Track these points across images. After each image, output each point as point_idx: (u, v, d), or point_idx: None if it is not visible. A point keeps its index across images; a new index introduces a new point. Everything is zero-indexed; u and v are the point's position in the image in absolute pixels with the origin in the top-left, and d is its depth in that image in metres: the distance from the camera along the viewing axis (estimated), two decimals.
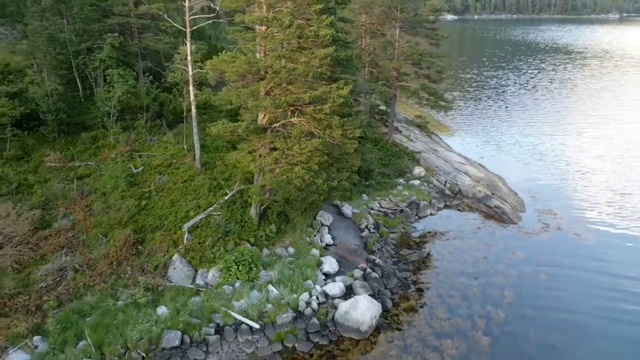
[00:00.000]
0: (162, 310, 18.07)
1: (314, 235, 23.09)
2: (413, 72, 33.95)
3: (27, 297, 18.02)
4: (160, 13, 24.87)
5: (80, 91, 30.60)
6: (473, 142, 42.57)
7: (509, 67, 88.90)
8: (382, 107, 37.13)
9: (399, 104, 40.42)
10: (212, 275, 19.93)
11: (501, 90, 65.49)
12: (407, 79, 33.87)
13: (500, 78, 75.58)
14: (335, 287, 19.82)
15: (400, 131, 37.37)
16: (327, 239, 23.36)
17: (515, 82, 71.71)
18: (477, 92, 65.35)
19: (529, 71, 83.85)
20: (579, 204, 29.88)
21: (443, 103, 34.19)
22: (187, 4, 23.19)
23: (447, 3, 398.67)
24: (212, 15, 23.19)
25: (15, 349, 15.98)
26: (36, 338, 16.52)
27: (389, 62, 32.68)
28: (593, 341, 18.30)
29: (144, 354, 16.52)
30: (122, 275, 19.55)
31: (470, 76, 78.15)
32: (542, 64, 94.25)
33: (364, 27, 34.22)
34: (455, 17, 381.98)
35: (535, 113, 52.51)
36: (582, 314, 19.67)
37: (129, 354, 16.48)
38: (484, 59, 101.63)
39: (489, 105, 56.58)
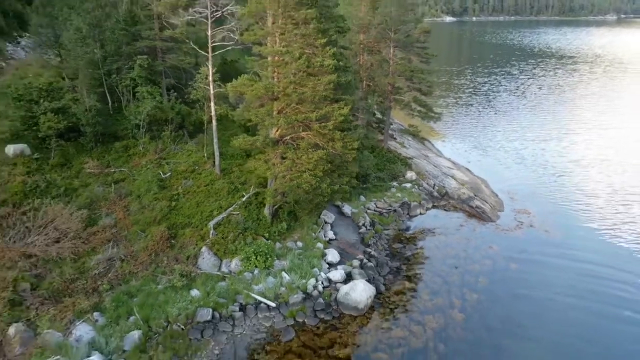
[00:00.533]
0: (195, 292, 22.01)
1: (319, 231, 27.02)
2: (406, 86, 37.93)
3: (85, 282, 21.96)
4: (185, 40, 28.82)
5: (109, 104, 34.52)
6: (462, 147, 46.52)
7: (502, 72, 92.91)
8: (379, 116, 41.16)
9: (395, 113, 44.31)
10: (234, 264, 23.88)
11: (492, 97, 69.46)
12: (400, 92, 37.83)
13: (492, 84, 79.54)
14: (337, 274, 23.78)
15: (395, 138, 41.34)
16: (330, 234, 27.31)
17: (506, 89, 75.69)
18: (469, 98, 69.32)
19: (520, 77, 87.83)
20: (551, 204, 33.85)
21: (432, 114, 38.20)
22: (209, 33, 27.14)
23: (446, 5, 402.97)
24: (232, 43, 27.10)
25: (81, 322, 19.89)
26: (96, 314, 20.44)
27: (384, 77, 36.63)
28: (550, 314, 22.24)
29: (182, 326, 20.46)
30: (159, 264, 23.50)
31: (463, 82, 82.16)
32: (533, 70, 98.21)
33: (361, 45, 38.11)
34: (454, 19, 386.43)
35: (521, 119, 56.48)
36: (543, 294, 23.62)
37: (170, 327, 20.40)
38: (478, 65, 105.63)
39: (479, 112, 60.55)
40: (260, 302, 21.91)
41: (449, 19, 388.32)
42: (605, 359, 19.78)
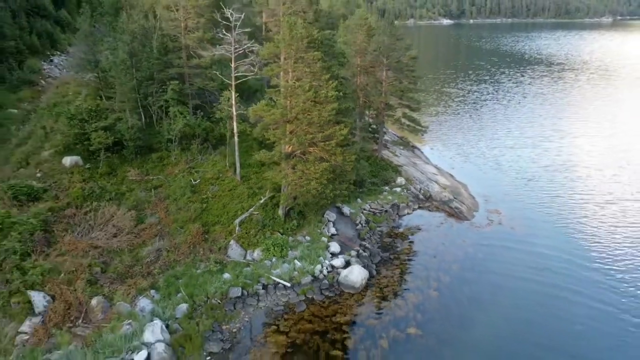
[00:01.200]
0: (226, 275, 28.02)
1: (323, 228, 33.05)
2: (397, 104, 43.99)
3: (140, 267, 27.98)
4: (213, 71, 34.83)
5: (144, 121, 40.50)
6: (448, 155, 52.56)
7: (491, 80, 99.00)
8: (374, 126, 47.20)
9: (389, 124, 50.27)
10: (256, 253, 29.92)
11: (479, 105, 75.54)
12: (392, 108, 43.87)
13: (481, 93, 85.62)
14: (338, 261, 29.82)
15: (388, 148, 47.38)
16: (332, 230, 33.32)
17: (493, 97, 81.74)
18: (457, 106, 75.40)
19: (508, 85, 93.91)
20: (519, 204, 39.87)
21: (420, 127, 44.27)
22: (233, 66, 33.17)
23: (443, 8, 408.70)
24: (252, 74, 33.09)
25: (142, 297, 25.89)
26: (152, 291, 26.45)
27: (378, 96, 42.63)
28: (506, 290, 28.26)
29: (219, 301, 26.47)
30: (197, 254, 29.51)
31: (454, 90, 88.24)
32: (521, 77, 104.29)
33: (359, 68, 44.10)
34: (451, 22, 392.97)
35: (503, 127, 62.50)
36: (502, 276, 29.64)
37: (209, 301, 26.40)
38: (470, 72, 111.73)
39: (466, 120, 66.60)
40: (278, 282, 27.94)
41: (446, 21, 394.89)
42: (546, 321, 25.74)
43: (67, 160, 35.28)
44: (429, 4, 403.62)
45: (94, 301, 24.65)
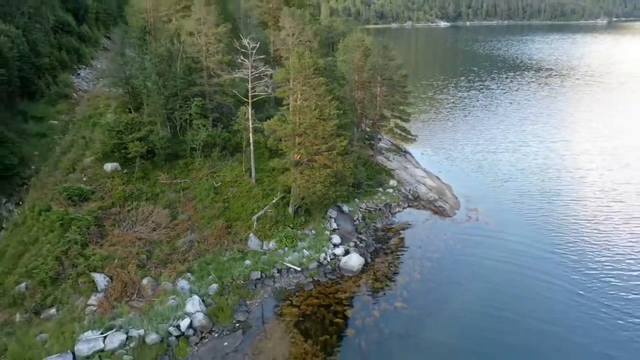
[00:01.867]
0: (247, 262, 34.15)
1: (326, 223, 39.18)
2: (390, 115, 50.13)
3: (177, 255, 34.09)
4: (231, 90, 40.89)
5: (169, 131, 46.56)
6: (436, 159, 58.71)
7: (481, 86, 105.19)
8: (370, 134, 53.30)
9: (384, 132, 56.34)
10: (271, 244, 36.06)
11: (467, 112, 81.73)
12: (385, 119, 50.02)
13: (470, 99, 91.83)
14: (339, 250, 35.98)
15: (382, 153, 53.53)
16: (334, 225, 39.43)
17: (482, 104, 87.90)
18: (448, 113, 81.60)
19: (497, 92, 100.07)
20: (495, 203, 46.03)
21: (410, 136, 50.45)
22: (249, 86, 39.29)
23: (440, 10, 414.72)
24: (265, 94, 39.17)
25: (181, 278, 32.00)
26: (188, 274, 32.58)
27: (373, 109, 48.79)
28: (479, 273, 34.39)
29: (242, 281, 32.60)
30: (223, 245, 35.61)
31: (445, 97, 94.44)
32: (510, 83, 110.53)
33: (356, 83, 50.22)
34: (448, 24, 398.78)
35: (487, 133, 68.65)
36: (476, 261, 35.79)
37: (235, 282, 32.52)
38: (462, 77, 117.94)
39: (454, 126, 72.76)
40: (290, 267, 34.09)
41: (443, 24, 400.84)
42: (510, 293, 31.90)
43: (108, 167, 41.39)
44: (426, 7, 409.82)
45: (144, 281, 30.80)
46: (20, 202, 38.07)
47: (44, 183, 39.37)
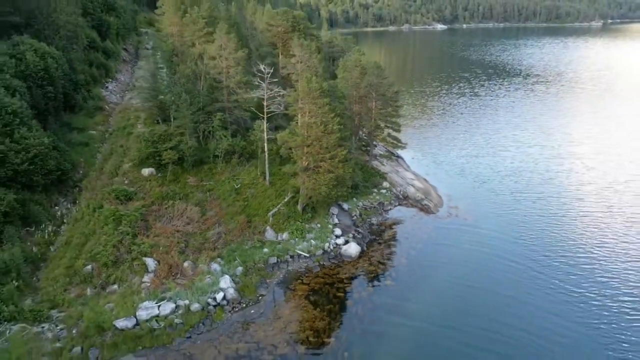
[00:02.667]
0: (265, 249, 41.93)
1: (329, 218, 46.96)
2: (383, 126, 57.90)
3: (209, 244, 41.83)
4: (249, 107, 48.64)
5: (195, 140, 54.24)
6: (425, 162, 66.47)
7: (470, 94, 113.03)
8: (367, 142, 61.08)
9: (379, 140, 64.11)
10: (284, 235, 43.85)
11: (456, 119, 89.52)
12: (380, 129, 57.81)
13: (459, 106, 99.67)
14: (340, 240, 43.81)
15: (377, 159, 61.32)
16: (335, 220, 47.20)
17: (469, 111, 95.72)
18: (438, 119, 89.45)
19: (485, 98, 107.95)
20: (474, 202, 53.82)
21: (400, 144, 58.26)
22: (265, 104, 47.05)
23: (437, 13, 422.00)
24: (278, 110, 46.94)
25: (213, 262, 39.75)
26: (219, 259, 40.33)
27: (369, 121, 56.58)
28: (456, 256, 42.18)
29: (262, 265, 40.39)
30: (245, 236, 43.37)
31: (436, 104, 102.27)
32: (498, 90, 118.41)
33: (354, 98, 57.94)
34: (445, 27, 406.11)
35: (472, 139, 76.45)
36: (453, 249, 43.57)
37: (256, 265, 40.29)
38: (453, 84, 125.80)
39: (443, 132, 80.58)
40: (300, 254, 41.90)
41: (440, 26, 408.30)
42: (481, 273, 39.61)
43: (145, 171, 49.17)
44: (423, 10, 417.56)
45: (185, 264, 38.58)
46: (76, 201, 45.81)
47: (93, 185, 47.17)
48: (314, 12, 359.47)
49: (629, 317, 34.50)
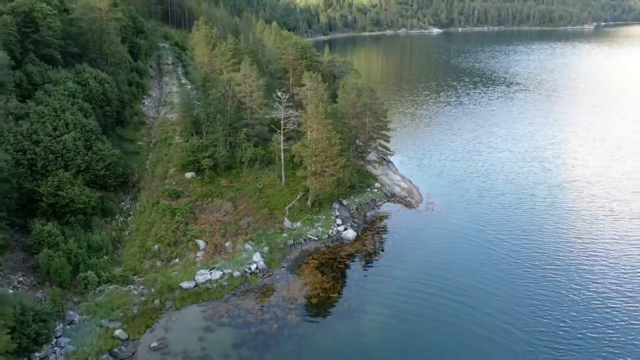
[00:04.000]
0: (284, 234, 55.44)
1: (332, 212, 60.43)
2: (375, 137, 71.39)
3: (242, 231, 55.30)
4: (270, 125, 62.05)
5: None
6: (410, 166, 79.88)
7: (455, 102, 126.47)
8: (362, 149, 74.54)
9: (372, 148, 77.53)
10: (298, 224, 57.36)
11: (440, 126, 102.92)
12: (373, 140, 71.30)
13: (445, 115, 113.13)
14: (341, 228, 57.36)
15: (370, 163, 74.74)
16: (337, 213, 60.63)
17: (453, 119, 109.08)
18: (425, 127, 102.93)
19: (468, 106, 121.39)
20: (448, 199, 67.21)
21: (389, 152, 71.73)
22: (282, 122, 60.50)
23: (433, 17, 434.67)
24: (292, 127, 60.25)
25: (246, 244, 53.21)
26: (250, 242, 53.81)
27: (364, 133, 70.01)
28: (431, 238, 55.64)
29: (282, 246, 53.92)
30: (268, 225, 56.80)
31: (424, 112, 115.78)
32: (481, 98, 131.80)
33: (352, 115, 71.28)
34: (440, 31, 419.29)
35: (452, 145, 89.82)
36: (428, 233, 57.06)
37: (277, 246, 53.80)
38: (442, 93, 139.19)
39: (427, 139, 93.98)
40: (311, 238, 55.41)
41: (435, 30, 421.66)
42: (450, 250, 53.09)
43: (188, 175, 62.63)
44: (420, 14, 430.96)
45: (227, 244, 52.10)
46: (135, 199, 59.26)
47: (149, 186, 60.67)
48: (313, 17, 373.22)
49: (555, 272, 47.98)
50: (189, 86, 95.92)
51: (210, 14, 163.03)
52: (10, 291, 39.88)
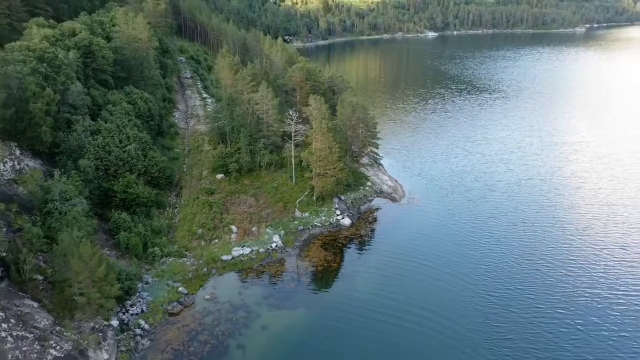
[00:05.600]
0: (296, 222, 72.08)
1: (333, 205, 76.98)
2: (368, 144, 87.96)
3: (263, 219, 71.87)
4: (280, 135, 78.56)
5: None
6: (397, 168, 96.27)
7: (441, 110, 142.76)
8: (357, 153, 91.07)
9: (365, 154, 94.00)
10: (307, 214, 73.97)
11: (425, 133, 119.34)
12: (366, 147, 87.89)
13: (430, 122, 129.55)
14: (340, 217, 73.96)
15: (364, 166, 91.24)
16: (337, 206, 77.13)
17: (437, 125, 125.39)
18: (412, 133, 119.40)
19: (452, 113, 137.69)
20: (427, 194, 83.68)
21: (379, 157, 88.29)
22: (293, 134, 77.05)
23: (429, 21, 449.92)
24: (301, 139, 76.62)
25: (268, 229, 69.77)
26: (270, 227, 70.36)
27: (358, 142, 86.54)
28: (409, 225, 72.24)
29: (295, 231, 70.54)
30: (283, 215, 73.37)
31: (412, 120, 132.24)
32: (465, 106, 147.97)
33: (348, 127, 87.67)
34: (436, 35, 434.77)
35: (433, 149, 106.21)
36: (408, 221, 73.64)
37: (291, 231, 70.41)
38: (430, 100, 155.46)
39: (413, 144, 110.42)
40: (317, 225, 72.03)
41: (431, 34, 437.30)
42: (424, 231, 69.61)
43: (219, 176, 79.24)
44: (416, 18, 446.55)
45: (253, 229, 68.73)
46: (179, 195, 75.83)
47: (189, 185, 77.28)
48: (313, 23, 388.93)
49: (529, 260, 64.50)
50: (209, 100, 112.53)
51: (220, 29, 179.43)
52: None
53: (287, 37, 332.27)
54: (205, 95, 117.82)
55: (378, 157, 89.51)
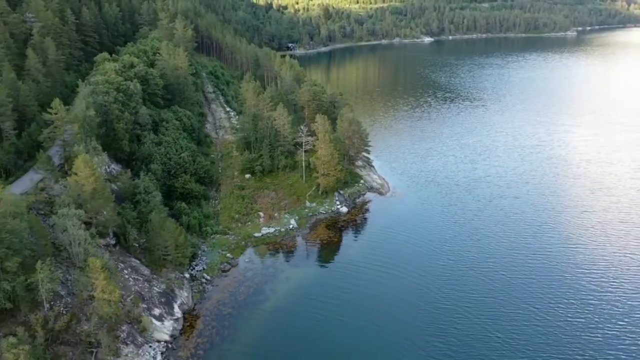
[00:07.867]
0: (306, 210, 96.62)
1: (334, 198, 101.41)
2: (361, 150, 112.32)
3: (282, 208, 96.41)
4: (296, 145, 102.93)
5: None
6: (385, 168, 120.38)
7: (427, 117, 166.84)
8: (352, 157, 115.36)
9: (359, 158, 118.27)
10: (314, 204, 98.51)
11: (411, 138, 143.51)
12: (360, 152, 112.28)
13: (416, 128, 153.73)
14: (339, 206, 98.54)
15: (358, 167, 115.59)
16: (337, 198, 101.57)
17: (421, 131, 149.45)
18: (400, 138, 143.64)
19: (436, 119, 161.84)
20: (409, 190, 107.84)
21: (370, 160, 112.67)
22: (303, 142, 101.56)
23: (425, 27, 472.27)
24: (309, 146, 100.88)
25: (286, 215, 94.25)
26: (287, 214, 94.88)
27: (353, 148, 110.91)
28: (393, 213, 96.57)
29: (305, 216, 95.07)
30: (297, 204, 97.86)
31: (400, 126, 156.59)
32: (448, 113, 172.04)
33: (345, 137, 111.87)
34: (432, 39, 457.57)
35: (415, 152, 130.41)
36: (391, 209, 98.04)
37: (303, 216, 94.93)
38: (417, 108, 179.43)
39: (399, 148, 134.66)
40: (322, 212, 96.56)
41: (427, 39, 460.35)
42: (406, 217, 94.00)
43: (247, 176, 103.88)
44: (413, 24, 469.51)
45: (275, 214, 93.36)
46: (218, 190, 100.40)
47: (225, 182, 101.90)
48: (314, 30, 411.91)
49: (508, 256, 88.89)
50: (232, 112, 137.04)
51: (234, 45, 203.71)
52: None
53: (289, 44, 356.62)
54: (228, 109, 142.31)
55: (369, 159, 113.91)
